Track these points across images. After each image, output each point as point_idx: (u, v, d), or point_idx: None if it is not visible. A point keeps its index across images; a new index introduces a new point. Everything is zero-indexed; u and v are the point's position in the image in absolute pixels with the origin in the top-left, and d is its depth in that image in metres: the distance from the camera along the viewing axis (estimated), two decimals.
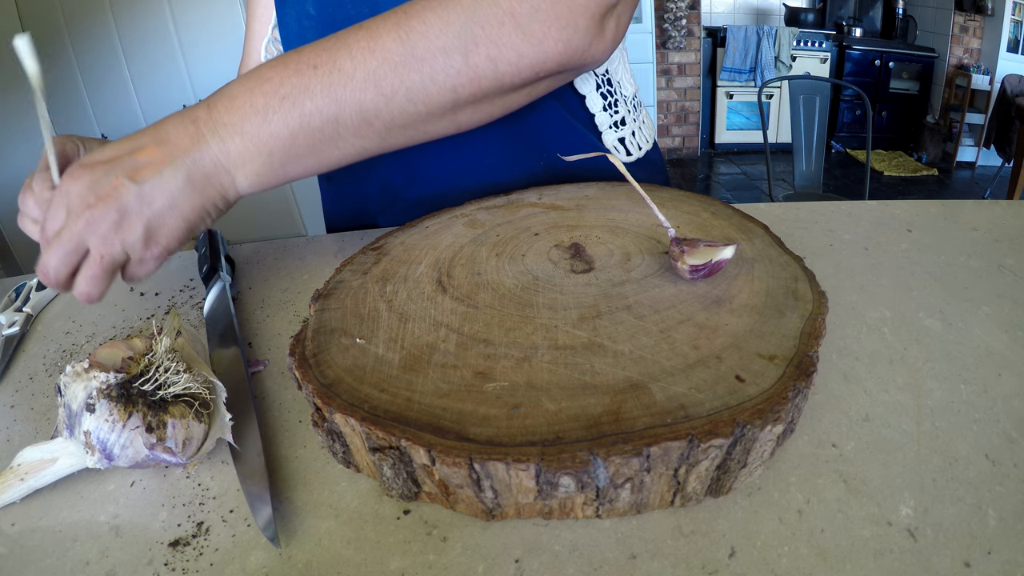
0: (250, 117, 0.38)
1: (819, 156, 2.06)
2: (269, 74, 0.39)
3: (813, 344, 0.30)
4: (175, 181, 0.37)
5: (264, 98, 0.38)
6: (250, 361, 0.39)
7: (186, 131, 0.38)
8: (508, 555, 0.26)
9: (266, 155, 0.39)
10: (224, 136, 0.38)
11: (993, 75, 3.42)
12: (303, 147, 0.39)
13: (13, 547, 0.28)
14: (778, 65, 3.65)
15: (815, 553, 0.25)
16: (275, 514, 0.28)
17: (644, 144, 0.63)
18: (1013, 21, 3.37)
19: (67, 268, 0.37)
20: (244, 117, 0.38)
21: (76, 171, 0.37)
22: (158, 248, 0.38)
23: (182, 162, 0.37)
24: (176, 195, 0.38)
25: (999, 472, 0.28)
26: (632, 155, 0.61)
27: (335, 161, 0.41)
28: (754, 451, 0.26)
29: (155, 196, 0.37)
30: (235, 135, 0.38)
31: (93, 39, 2.49)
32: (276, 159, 0.39)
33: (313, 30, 0.52)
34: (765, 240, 0.40)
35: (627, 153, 0.61)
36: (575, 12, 0.38)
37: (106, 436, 0.28)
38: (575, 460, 0.24)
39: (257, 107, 0.38)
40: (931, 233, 0.50)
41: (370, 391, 0.28)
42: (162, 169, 0.37)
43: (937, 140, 3.70)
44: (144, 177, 0.37)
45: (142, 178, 0.37)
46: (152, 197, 0.37)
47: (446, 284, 0.36)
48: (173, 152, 0.38)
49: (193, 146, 0.38)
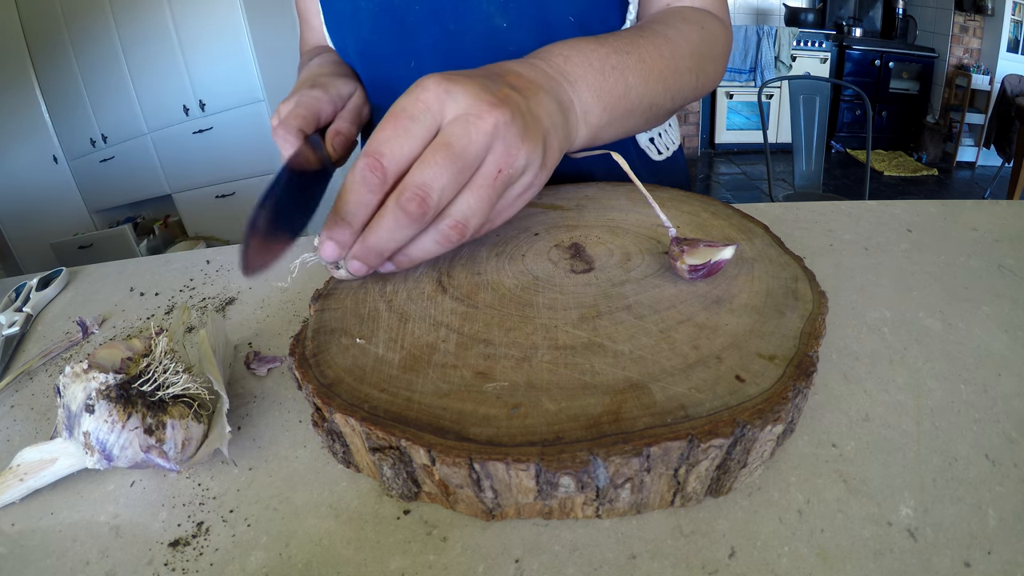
0: (591, 73, 0.40)
1: (819, 156, 2.06)
2: (589, 46, 0.41)
3: (813, 344, 0.30)
4: (550, 103, 0.35)
5: (599, 62, 0.41)
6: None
7: (536, 71, 0.37)
8: (508, 555, 0.26)
9: (603, 107, 0.41)
10: (573, 81, 0.39)
11: (993, 75, 3.42)
12: (621, 112, 0.43)
13: (13, 547, 0.28)
14: (778, 65, 3.65)
15: (815, 553, 0.25)
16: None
17: (671, 145, 0.65)
18: (1013, 21, 3.37)
19: (457, 187, 0.31)
20: (586, 71, 0.40)
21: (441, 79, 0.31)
22: (545, 173, 0.35)
23: (550, 89, 0.37)
24: (554, 115, 0.35)
25: (999, 472, 0.28)
26: (662, 154, 0.63)
27: (616, 136, 0.45)
28: (754, 451, 0.26)
29: (541, 112, 0.34)
30: (581, 83, 0.40)
31: (93, 39, 2.49)
32: (607, 115, 0.41)
33: (368, 11, 0.53)
34: (765, 240, 0.40)
35: (657, 152, 0.62)
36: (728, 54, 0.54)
37: (105, 437, 0.28)
38: (575, 460, 0.24)
39: (595, 67, 0.40)
40: (931, 233, 0.50)
41: (370, 391, 0.28)
42: (535, 90, 0.35)
43: (937, 140, 3.70)
44: (526, 94, 0.34)
45: (525, 94, 0.34)
46: (539, 113, 0.34)
47: (446, 284, 0.36)
48: (536, 82, 0.36)
49: (550, 83, 0.37)
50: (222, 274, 0.52)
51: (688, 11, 0.52)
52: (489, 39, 0.51)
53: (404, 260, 0.34)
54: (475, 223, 0.32)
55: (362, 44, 0.55)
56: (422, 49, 0.53)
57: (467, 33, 0.51)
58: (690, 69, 0.48)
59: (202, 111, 2.57)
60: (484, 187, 0.31)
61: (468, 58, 0.51)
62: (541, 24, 0.51)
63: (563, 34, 0.51)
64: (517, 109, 0.32)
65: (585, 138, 0.41)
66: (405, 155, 0.31)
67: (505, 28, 0.51)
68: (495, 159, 0.31)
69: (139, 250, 2.65)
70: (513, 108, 0.31)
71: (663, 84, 0.45)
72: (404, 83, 0.54)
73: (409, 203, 0.30)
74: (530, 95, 0.34)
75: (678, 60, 0.47)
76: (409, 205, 0.30)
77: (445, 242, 0.33)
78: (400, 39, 0.53)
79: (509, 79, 0.35)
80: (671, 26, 0.48)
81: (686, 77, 0.48)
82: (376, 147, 0.31)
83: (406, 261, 0.34)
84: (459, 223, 0.32)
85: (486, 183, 0.31)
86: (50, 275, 0.53)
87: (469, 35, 0.51)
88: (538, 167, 0.34)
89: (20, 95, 2.59)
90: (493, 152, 0.31)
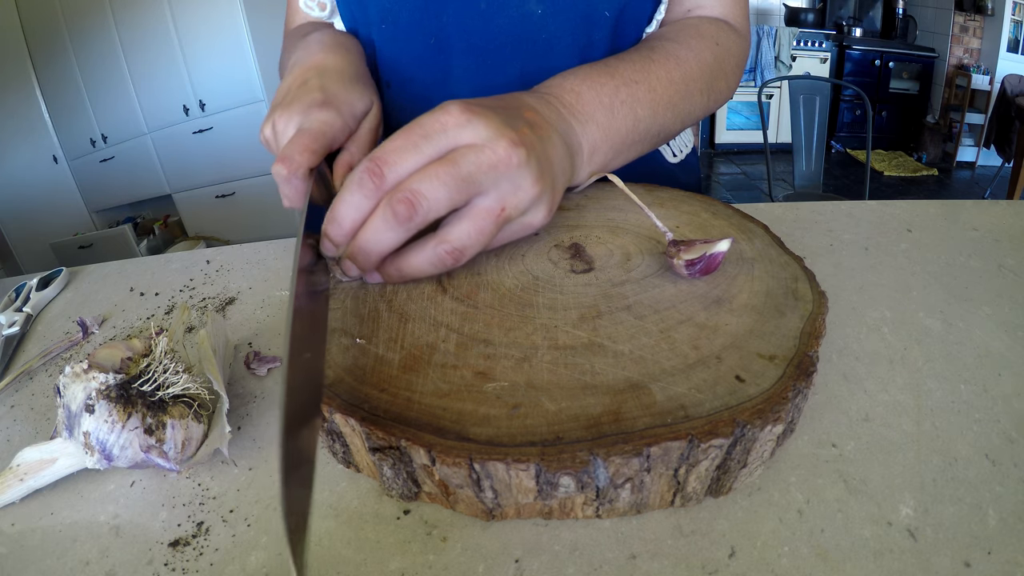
0: (601, 112, 0.41)
1: (819, 156, 2.06)
2: (601, 79, 0.42)
3: (813, 344, 0.30)
4: (561, 147, 0.35)
5: (608, 98, 0.41)
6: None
7: (551, 109, 0.38)
8: (508, 555, 0.26)
9: (610, 146, 0.42)
10: (584, 122, 0.40)
11: (993, 75, 3.43)
12: (628, 145, 0.43)
13: (13, 547, 0.28)
14: (778, 65, 3.65)
15: (815, 553, 0.25)
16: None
17: (685, 148, 0.65)
18: (1013, 21, 3.37)
19: (450, 206, 0.30)
20: (596, 110, 0.40)
21: (465, 107, 0.31)
22: (548, 215, 0.34)
23: (561, 130, 0.37)
24: (563, 160, 0.36)
25: (999, 472, 0.28)
26: (676, 157, 0.63)
27: (623, 164, 0.45)
28: (754, 451, 0.26)
29: (554, 157, 0.34)
30: (591, 124, 0.40)
31: (93, 39, 2.49)
32: (612, 152, 0.42)
33: None
34: (765, 240, 0.40)
35: (672, 155, 0.63)
36: (743, 66, 0.55)
37: (105, 437, 0.28)
38: (575, 460, 0.24)
39: (604, 104, 0.41)
40: (931, 233, 0.50)
41: (370, 391, 0.28)
42: (550, 132, 0.35)
43: (937, 140, 3.70)
44: (542, 135, 0.34)
45: (540, 135, 0.33)
46: (552, 156, 0.34)
47: (446, 284, 0.36)
48: (551, 122, 0.36)
49: (561, 121, 0.37)
50: (222, 274, 0.52)
51: (704, 24, 0.52)
52: (520, 24, 0.49)
53: (394, 273, 0.34)
54: (470, 252, 0.33)
55: (383, 11, 0.50)
56: (447, 25, 0.50)
57: (499, 15, 0.49)
58: (701, 90, 0.48)
59: (202, 111, 2.57)
60: (486, 220, 0.32)
61: (494, 41, 0.50)
62: (577, 16, 0.50)
63: (597, 29, 0.51)
64: (533, 150, 0.32)
65: (587, 174, 0.42)
66: (408, 167, 0.31)
67: (540, 15, 0.49)
68: (501, 195, 0.31)
69: (139, 250, 2.65)
70: (529, 149, 0.32)
71: (672, 111, 0.46)
72: (421, 61, 0.52)
73: (398, 204, 0.30)
74: (545, 137, 0.34)
75: (689, 83, 0.47)
76: (398, 206, 0.30)
77: (439, 264, 0.33)
78: (425, 12, 0.50)
79: (527, 115, 0.35)
80: (683, 44, 0.48)
81: (696, 99, 0.48)
82: (381, 155, 0.31)
83: (396, 275, 0.34)
84: (456, 249, 0.32)
85: (489, 217, 0.32)
86: (50, 275, 0.53)
87: (500, 17, 0.49)
88: (542, 210, 0.34)
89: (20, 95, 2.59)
90: (499, 188, 0.31)
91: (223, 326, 0.40)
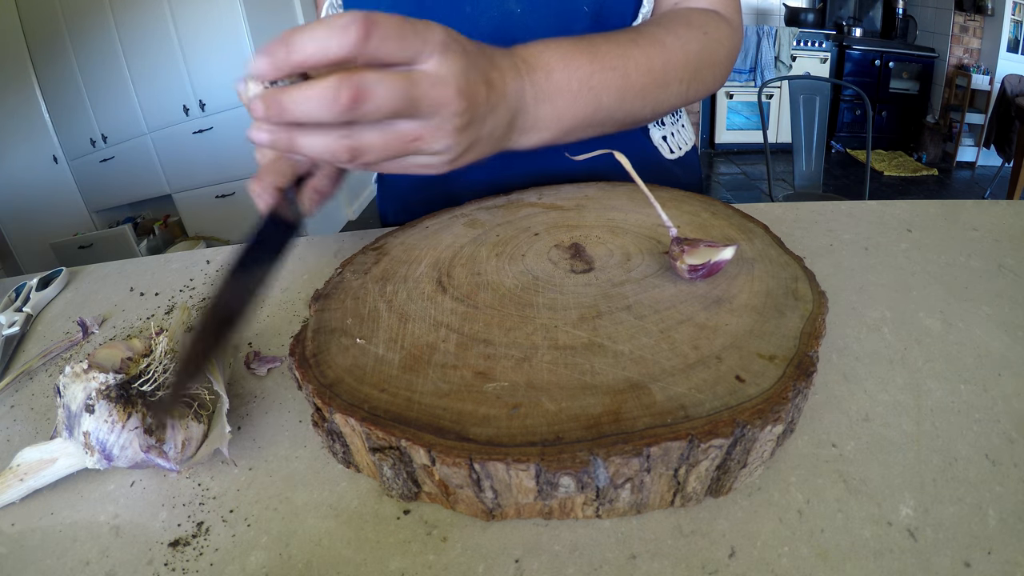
0: (564, 95, 0.41)
1: (819, 156, 2.06)
2: (580, 60, 0.42)
3: (813, 344, 0.30)
4: (503, 117, 0.38)
5: (577, 84, 0.41)
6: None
7: (516, 77, 0.39)
8: (508, 555, 0.26)
9: (559, 130, 0.42)
10: (540, 100, 0.40)
11: (993, 75, 3.42)
12: (578, 130, 0.44)
13: (13, 547, 0.28)
14: (778, 65, 3.65)
15: (815, 553, 0.25)
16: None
17: (684, 145, 0.65)
18: (1013, 21, 3.37)
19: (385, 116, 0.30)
20: (559, 92, 0.41)
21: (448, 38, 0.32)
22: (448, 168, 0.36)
23: (511, 104, 0.38)
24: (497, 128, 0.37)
25: (999, 472, 0.28)
26: (674, 153, 0.63)
27: (572, 142, 0.45)
28: (754, 451, 0.26)
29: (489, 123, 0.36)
30: (547, 104, 0.41)
31: (93, 39, 2.49)
32: (560, 132, 0.43)
33: None
34: (765, 240, 0.40)
35: (670, 151, 0.63)
36: (734, 56, 0.54)
37: (105, 437, 0.28)
38: (575, 460, 0.24)
39: (571, 90, 0.41)
40: (931, 233, 0.50)
41: (370, 391, 0.28)
42: (500, 101, 0.37)
43: (937, 140, 3.69)
44: (491, 100, 0.36)
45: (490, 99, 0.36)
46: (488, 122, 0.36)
47: (446, 284, 0.36)
48: (506, 93, 0.38)
49: (519, 96, 0.39)
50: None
51: (695, 14, 0.52)
52: (502, 23, 0.51)
53: (284, 140, 0.31)
54: (366, 160, 0.32)
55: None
56: None
57: (482, 17, 0.51)
58: (681, 80, 0.49)
59: (202, 111, 2.57)
60: (397, 140, 0.32)
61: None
62: (555, 13, 0.51)
63: (577, 25, 0.51)
64: (475, 108, 0.34)
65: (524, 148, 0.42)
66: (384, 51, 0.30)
67: (519, 14, 0.51)
68: (423, 127, 0.32)
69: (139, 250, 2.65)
70: (473, 105, 0.34)
71: (642, 100, 0.46)
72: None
73: (346, 90, 0.28)
74: (494, 103, 0.36)
75: (668, 72, 0.47)
76: (343, 92, 0.28)
77: (334, 154, 0.31)
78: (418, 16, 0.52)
79: (492, 75, 0.36)
80: (671, 31, 0.48)
81: (674, 88, 0.48)
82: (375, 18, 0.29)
83: (285, 143, 0.31)
84: (355, 149, 0.31)
85: (402, 139, 0.32)
86: (50, 275, 0.53)
87: (484, 19, 0.52)
88: (446, 161, 0.35)
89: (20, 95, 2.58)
90: (427, 121, 0.32)
91: None
